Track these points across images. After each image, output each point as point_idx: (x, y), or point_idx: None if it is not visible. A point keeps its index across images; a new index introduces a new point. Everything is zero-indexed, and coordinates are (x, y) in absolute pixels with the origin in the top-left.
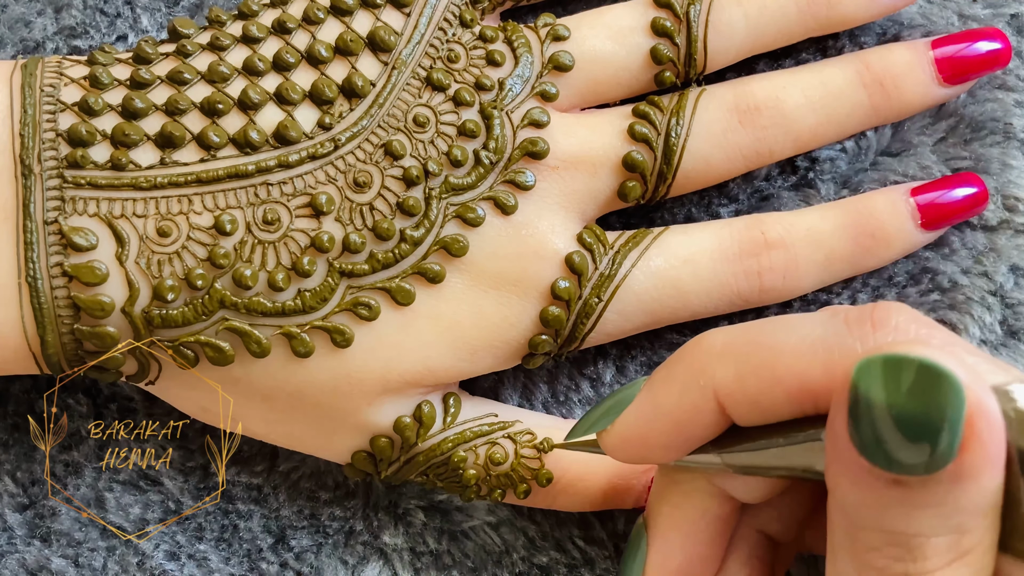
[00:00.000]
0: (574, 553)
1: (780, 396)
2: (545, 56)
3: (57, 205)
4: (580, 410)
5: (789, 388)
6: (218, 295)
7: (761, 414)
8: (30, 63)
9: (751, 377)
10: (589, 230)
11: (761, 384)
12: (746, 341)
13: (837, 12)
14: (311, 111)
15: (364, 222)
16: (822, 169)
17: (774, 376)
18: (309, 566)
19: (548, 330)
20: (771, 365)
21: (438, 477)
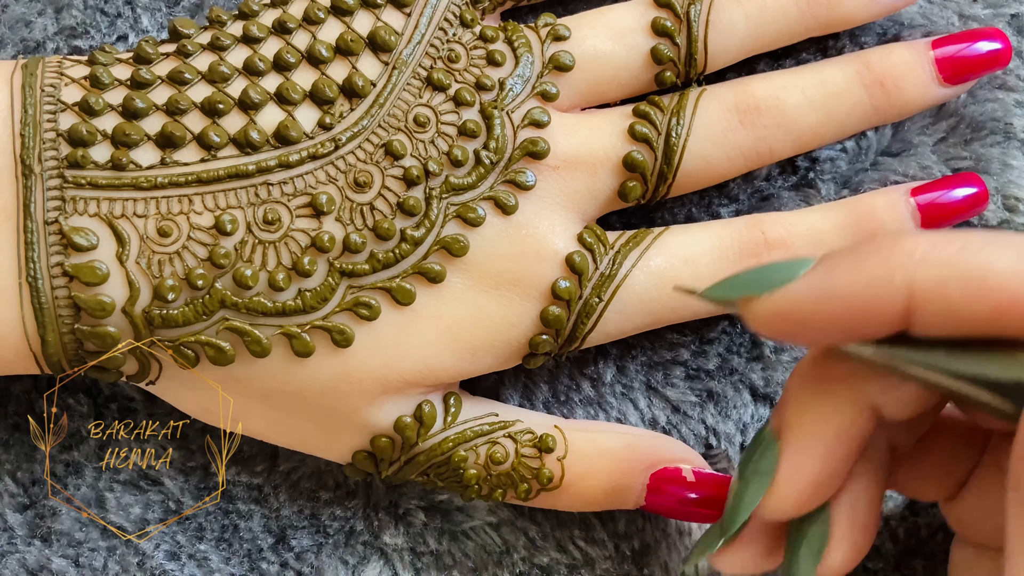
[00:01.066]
0: (575, 553)
1: (985, 311)
2: (545, 56)
3: (58, 205)
4: (581, 410)
5: (999, 303)
6: (219, 295)
7: (954, 326)
8: (31, 63)
9: (957, 285)
10: (589, 230)
11: (966, 293)
12: (952, 250)
13: (837, 12)
14: (312, 111)
15: (365, 222)
16: (822, 169)
17: (983, 286)
18: (309, 566)
19: (549, 330)
20: (981, 273)
21: (439, 477)
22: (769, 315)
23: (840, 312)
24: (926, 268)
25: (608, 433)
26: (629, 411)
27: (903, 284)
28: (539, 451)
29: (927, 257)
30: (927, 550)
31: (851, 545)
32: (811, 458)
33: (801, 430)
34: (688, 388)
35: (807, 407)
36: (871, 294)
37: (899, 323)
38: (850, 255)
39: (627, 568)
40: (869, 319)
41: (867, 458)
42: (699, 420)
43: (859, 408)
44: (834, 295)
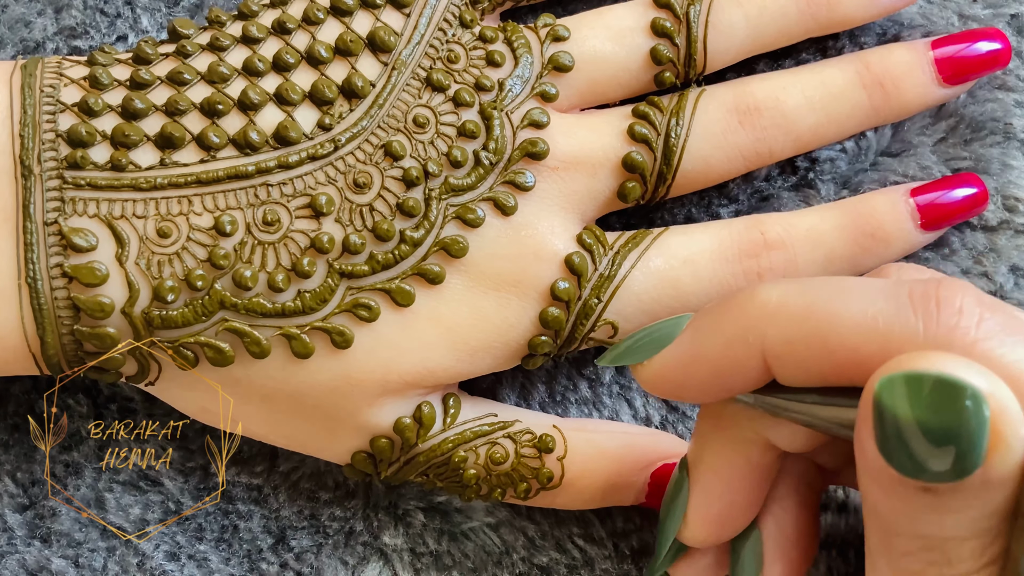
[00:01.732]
0: (574, 553)
1: (830, 366)
2: (545, 56)
3: (57, 206)
4: (577, 410)
5: (841, 360)
6: (218, 296)
7: (806, 379)
8: (30, 63)
9: (802, 343)
10: (589, 231)
11: (812, 352)
12: (802, 304)
13: (837, 12)
14: (311, 112)
15: (364, 223)
16: (822, 169)
17: (827, 346)
18: (309, 566)
19: (548, 331)
20: (825, 334)
21: (438, 477)
22: (651, 380)
23: (707, 372)
24: (775, 327)
25: (607, 432)
26: (623, 410)
27: (755, 343)
28: (539, 451)
29: (776, 314)
30: None
31: (786, 563)
32: (712, 494)
33: (701, 467)
34: None
35: (706, 445)
36: (730, 354)
37: (764, 376)
38: (711, 315)
39: (626, 567)
40: (734, 377)
41: (788, 481)
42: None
43: (751, 442)
44: (698, 358)
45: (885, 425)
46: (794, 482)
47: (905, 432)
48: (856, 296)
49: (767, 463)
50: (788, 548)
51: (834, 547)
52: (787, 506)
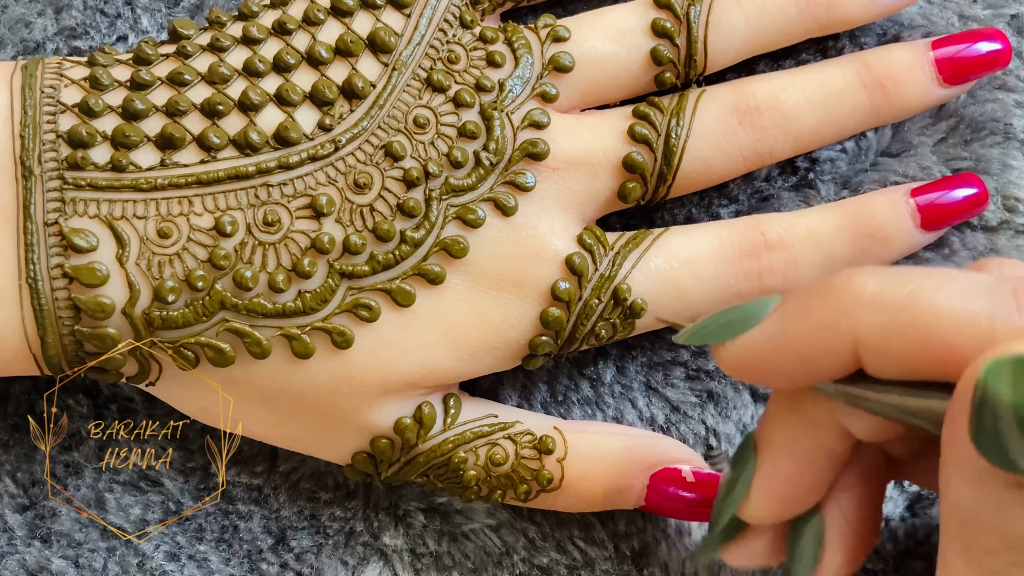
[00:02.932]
0: (575, 554)
1: (925, 359)
2: (545, 57)
3: (57, 207)
4: (579, 410)
5: (938, 354)
6: (219, 296)
7: (898, 371)
8: (30, 64)
9: (899, 334)
10: (589, 231)
11: (908, 344)
12: (900, 295)
13: (837, 13)
14: (311, 112)
15: (364, 223)
16: (822, 170)
17: (924, 339)
18: (309, 567)
19: (548, 331)
20: (923, 327)
21: (438, 478)
22: (734, 362)
23: (794, 358)
24: (871, 315)
25: (607, 434)
26: (627, 410)
27: (848, 331)
28: (539, 453)
29: (873, 302)
30: (926, 551)
31: (847, 552)
32: (781, 474)
33: (772, 447)
34: (688, 388)
35: (780, 425)
36: (819, 341)
37: (852, 365)
38: (803, 298)
39: (627, 568)
40: (821, 364)
41: (855, 469)
42: (699, 420)
43: (827, 428)
44: (786, 343)
45: (983, 413)
46: (862, 469)
47: (1004, 421)
48: (958, 290)
49: (840, 450)
50: (850, 535)
51: None
52: (853, 493)
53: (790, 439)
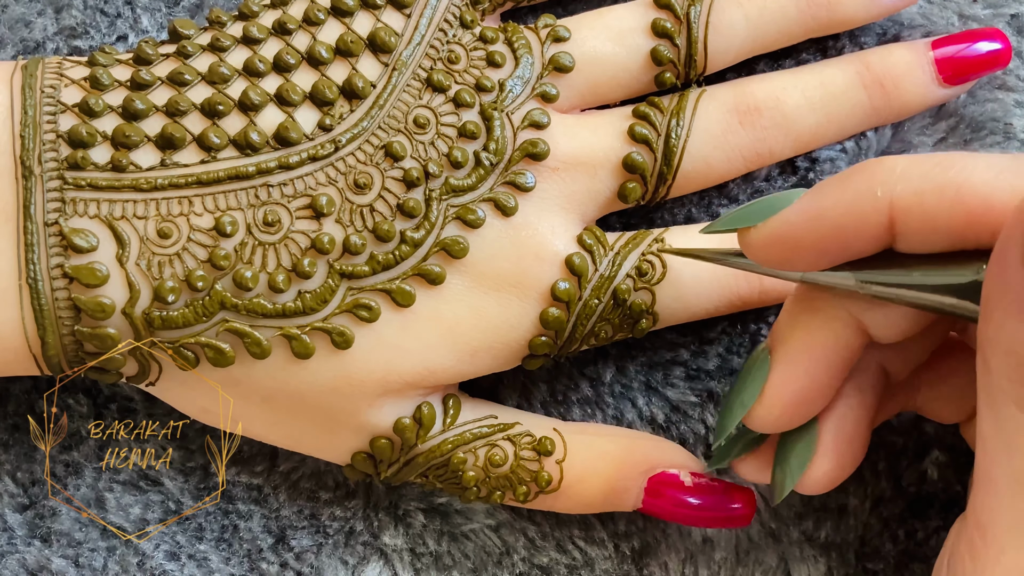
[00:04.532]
0: (575, 553)
1: (959, 218)
2: (545, 57)
3: (58, 207)
4: (579, 410)
5: (972, 211)
6: (218, 296)
7: (931, 236)
8: (31, 64)
9: (933, 195)
10: (589, 231)
11: (942, 202)
12: (932, 163)
13: (837, 13)
14: (311, 112)
15: (364, 223)
16: (822, 169)
17: (958, 195)
18: (309, 566)
19: (548, 332)
20: (956, 184)
21: (438, 478)
22: (765, 242)
23: (829, 230)
24: (905, 181)
25: (607, 436)
26: (627, 410)
27: (884, 198)
28: (538, 454)
29: (907, 172)
30: (925, 552)
31: (836, 459)
32: (798, 371)
33: (790, 343)
34: (688, 388)
35: (796, 323)
36: (856, 210)
37: (884, 238)
38: (837, 178)
39: (627, 568)
40: (856, 235)
41: (857, 380)
42: (699, 420)
43: (845, 324)
44: (822, 215)
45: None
46: (861, 382)
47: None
48: (984, 158)
49: (854, 348)
50: (842, 446)
51: (834, 548)
52: (851, 403)
53: (807, 333)
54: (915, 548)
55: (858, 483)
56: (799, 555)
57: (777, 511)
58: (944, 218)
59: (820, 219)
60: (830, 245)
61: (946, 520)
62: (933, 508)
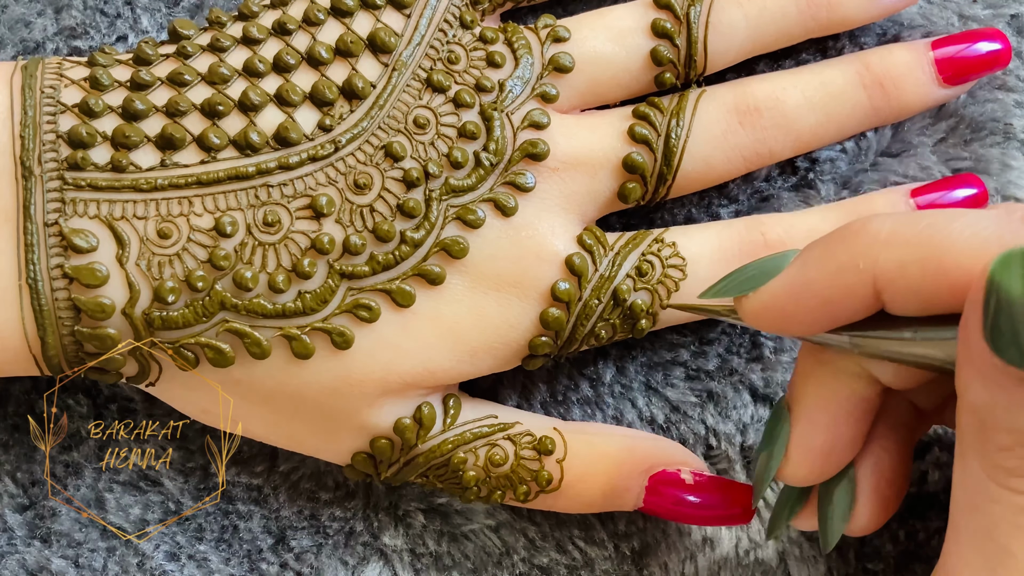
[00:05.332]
0: (575, 554)
1: (943, 289)
2: (545, 57)
3: (57, 207)
4: (579, 410)
5: (954, 282)
6: (218, 297)
7: (918, 305)
8: (30, 64)
9: (916, 267)
10: (589, 231)
11: (925, 275)
12: (915, 231)
13: (837, 13)
14: (311, 113)
15: (364, 224)
16: (822, 170)
17: (940, 268)
18: (309, 567)
19: (548, 332)
20: (939, 257)
21: (438, 478)
22: (756, 311)
23: (816, 301)
24: (888, 252)
25: (607, 435)
26: (627, 410)
27: (868, 269)
28: (538, 453)
29: (890, 240)
30: (926, 552)
31: (878, 502)
32: (817, 426)
33: (805, 402)
34: (688, 388)
35: (810, 380)
36: (840, 282)
37: (873, 305)
38: (822, 245)
39: (627, 568)
40: (843, 305)
41: (886, 420)
42: (699, 420)
43: (856, 376)
44: (808, 287)
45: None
46: (891, 421)
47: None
48: (968, 222)
49: (870, 397)
50: (883, 487)
51: (834, 548)
52: (885, 445)
53: (820, 389)
54: (916, 549)
55: None
56: (799, 555)
57: None
58: (928, 289)
59: (806, 291)
60: (818, 315)
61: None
62: (934, 508)
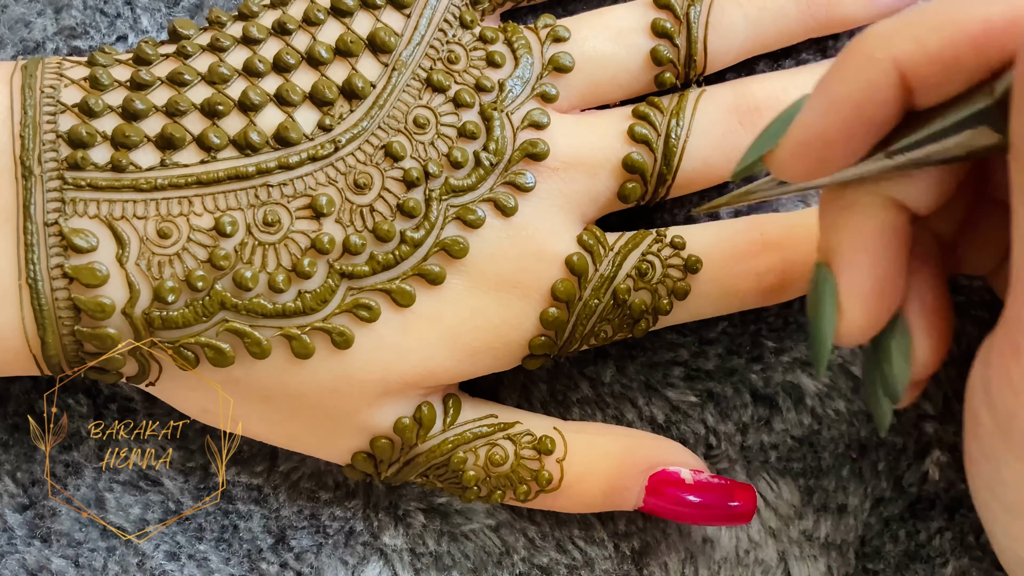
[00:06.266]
0: (575, 553)
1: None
2: (545, 57)
3: (57, 207)
4: (579, 410)
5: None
6: (218, 296)
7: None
8: (30, 64)
9: (933, 35)
10: (589, 231)
11: (944, 39)
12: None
13: (837, 12)
14: (311, 112)
15: (364, 224)
16: None
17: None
18: (309, 566)
19: (548, 331)
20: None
21: (438, 478)
22: (792, 153)
23: (850, 113)
24: (900, 35)
25: (607, 435)
26: (627, 410)
27: (887, 58)
28: (538, 453)
29: (896, 27)
30: (927, 553)
31: (935, 334)
32: (863, 271)
33: (842, 250)
34: (688, 388)
35: (841, 229)
36: (866, 82)
37: (903, 98)
38: (834, 67)
39: (627, 568)
40: (876, 107)
41: (917, 252)
42: (699, 420)
43: (884, 207)
44: (837, 103)
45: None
46: (922, 255)
47: None
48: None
49: (903, 226)
50: (935, 319)
51: (834, 548)
52: (923, 279)
53: (856, 234)
54: (916, 549)
55: (858, 483)
56: (799, 554)
57: (777, 510)
58: (951, 53)
59: (836, 107)
60: (855, 128)
61: (948, 521)
62: (935, 509)
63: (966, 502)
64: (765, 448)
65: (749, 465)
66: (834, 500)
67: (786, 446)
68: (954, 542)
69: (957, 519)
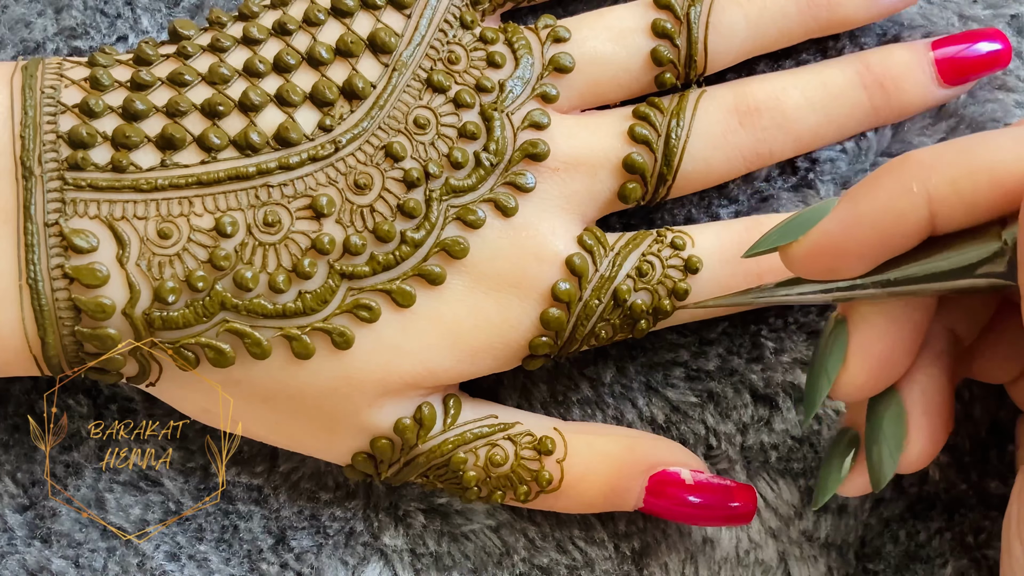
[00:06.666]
0: (575, 554)
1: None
2: (545, 58)
3: (58, 207)
4: (579, 410)
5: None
6: (219, 297)
7: (971, 214)
8: (31, 64)
9: (967, 180)
10: (589, 232)
11: (977, 184)
12: (957, 149)
13: (837, 13)
14: (312, 113)
15: (365, 224)
16: (822, 170)
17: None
18: (309, 567)
19: (548, 332)
20: (987, 166)
21: (438, 478)
22: (807, 254)
23: (870, 233)
24: (938, 173)
25: (607, 435)
26: (627, 410)
27: (921, 192)
28: (538, 453)
29: (936, 163)
30: (927, 553)
31: (930, 428)
32: (877, 332)
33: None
34: (688, 388)
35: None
36: (894, 209)
37: (925, 230)
38: (868, 182)
39: (627, 568)
40: (897, 233)
41: (932, 347)
42: (699, 420)
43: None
44: (861, 220)
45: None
46: (936, 349)
47: None
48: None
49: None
50: (933, 415)
51: (834, 548)
52: (931, 372)
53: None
54: (916, 549)
55: None
56: (799, 555)
57: (777, 510)
58: (983, 199)
59: (860, 224)
60: (872, 248)
61: (948, 521)
62: (935, 509)
63: (966, 502)
64: (765, 448)
65: (749, 465)
66: (834, 500)
67: (786, 446)
68: (954, 542)
69: (957, 519)
